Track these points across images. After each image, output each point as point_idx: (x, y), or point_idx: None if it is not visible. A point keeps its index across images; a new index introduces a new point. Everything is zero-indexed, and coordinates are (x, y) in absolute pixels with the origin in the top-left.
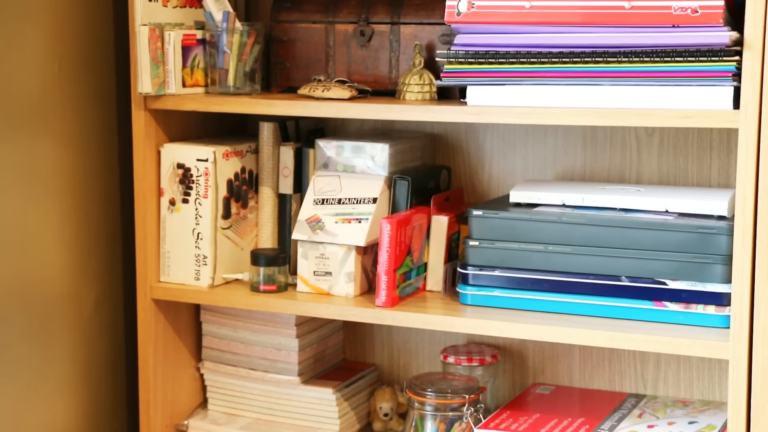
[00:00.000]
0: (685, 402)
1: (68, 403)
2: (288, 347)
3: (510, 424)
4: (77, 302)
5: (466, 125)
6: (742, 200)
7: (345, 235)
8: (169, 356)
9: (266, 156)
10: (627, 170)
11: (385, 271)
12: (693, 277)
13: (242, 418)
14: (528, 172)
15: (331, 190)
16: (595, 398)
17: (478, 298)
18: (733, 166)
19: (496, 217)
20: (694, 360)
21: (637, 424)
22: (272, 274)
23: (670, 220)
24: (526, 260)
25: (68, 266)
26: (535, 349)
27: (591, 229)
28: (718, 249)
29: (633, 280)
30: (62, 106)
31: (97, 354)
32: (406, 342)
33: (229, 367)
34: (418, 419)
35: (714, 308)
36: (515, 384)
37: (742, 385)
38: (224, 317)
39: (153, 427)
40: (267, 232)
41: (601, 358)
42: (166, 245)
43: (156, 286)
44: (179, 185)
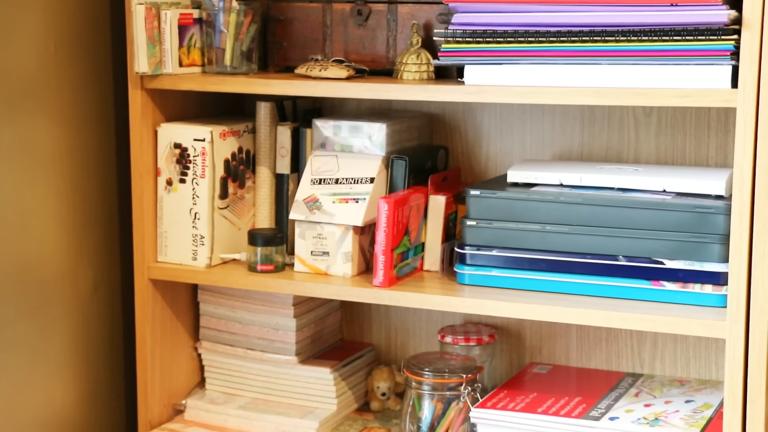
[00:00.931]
0: (681, 381)
1: (66, 383)
2: (285, 327)
3: (507, 403)
4: (74, 282)
5: (464, 105)
6: (740, 179)
7: (342, 214)
8: (167, 336)
9: (263, 136)
10: (625, 150)
11: (382, 251)
12: (690, 257)
13: (240, 397)
14: (525, 151)
15: (328, 170)
16: (592, 377)
17: (475, 278)
18: (731, 145)
19: (493, 197)
20: (691, 339)
21: (633, 403)
22: (269, 254)
23: (667, 200)
24: (524, 240)
25: (65, 246)
26: (532, 329)
27: (588, 208)
28: (715, 228)
29: (630, 260)
30: (58, 87)
31: (95, 334)
32: (403, 322)
33: (226, 347)
34: (415, 399)
35: (711, 287)
36: (512, 363)
37: (739, 364)
38: (222, 297)
39: (151, 406)
40: (264, 212)
41: (598, 337)
42: (164, 225)
43: (153, 266)
44: (176, 165)
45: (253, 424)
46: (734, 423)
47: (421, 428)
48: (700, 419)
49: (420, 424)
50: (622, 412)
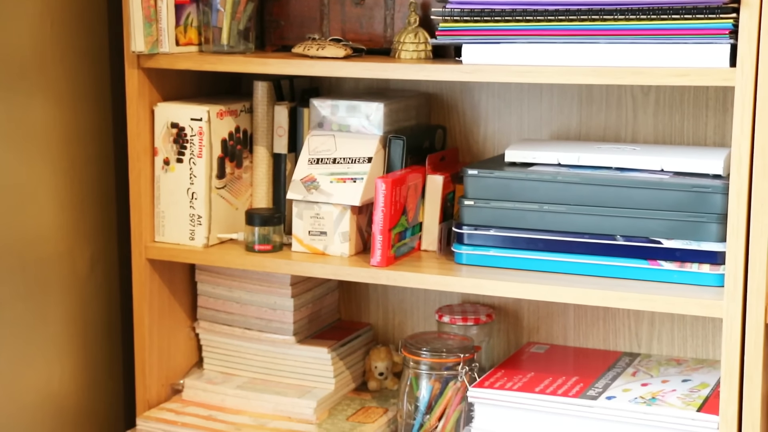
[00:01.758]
0: (678, 360)
1: (64, 363)
2: (283, 307)
3: (505, 382)
4: (72, 262)
5: (462, 84)
6: (738, 159)
7: (340, 194)
8: (165, 316)
9: (260, 115)
10: (623, 129)
11: (380, 231)
12: (688, 236)
13: (237, 377)
14: (523, 131)
15: (325, 150)
16: (590, 357)
17: (472, 258)
18: (729, 124)
19: (491, 177)
20: (688, 319)
21: (630, 382)
22: (267, 233)
23: (665, 179)
24: (521, 219)
25: (62, 226)
26: (529, 309)
27: (586, 188)
28: (713, 208)
29: (628, 239)
30: (54, 66)
31: (93, 314)
32: (401, 301)
33: (224, 327)
34: (413, 378)
35: (708, 267)
36: (510, 343)
37: (736, 344)
38: (219, 277)
39: (149, 386)
40: (262, 191)
41: (596, 317)
42: (161, 205)
43: (151, 245)
44: (173, 145)
45: (250, 403)
46: (731, 402)
47: (419, 408)
48: (697, 398)
49: (417, 403)
50: (619, 392)
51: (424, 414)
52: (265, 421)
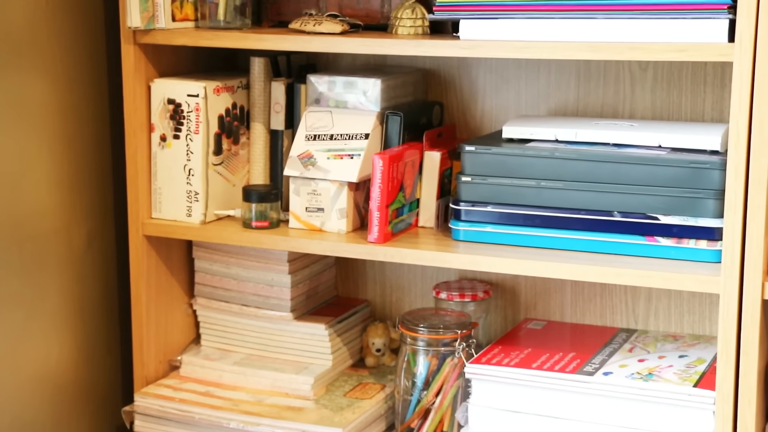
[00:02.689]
0: (675, 336)
1: (62, 339)
2: (280, 283)
3: (502, 358)
4: (68, 239)
5: (459, 60)
6: (736, 134)
7: (337, 171)
8: (162, 292)
9: (257, 92)
10: (620, 105)
11: (377, 207)
12: (685, 212)
13: (235, 353)
14: (521, 107)
15: (322, 126)
16: (587, 333)
17: (470, 234)
18: (727, 100)
19: (488, 153)
20: (685, 295)
21: (627, 358)
22: (264, 210)
23: (662, 155)
24: (519, 196)
25: (59, 203)
26: (527, 285)
27: (583, 164)
28: (710, 184)
29: (625, 216)
30: (49, 42)
31: (90, 290)
32: (398, 278)
33: (221, 303)
34: (410, 354)
35: (706, 243)
36: (507, 319)
37: (732, 320)
38: (216, 253)
39: (147, 362)
40: (259, 168)
41: (593, 293)
42: (158, 181)
43: (148, 222)
44: (170, 121)
45: (248, 379)
46: (727, 377)
47: (416, 384)
48: (694, 374)
49: (415, 379)
50: (616, 367)
51: (422, 390)
52: (263, 397)
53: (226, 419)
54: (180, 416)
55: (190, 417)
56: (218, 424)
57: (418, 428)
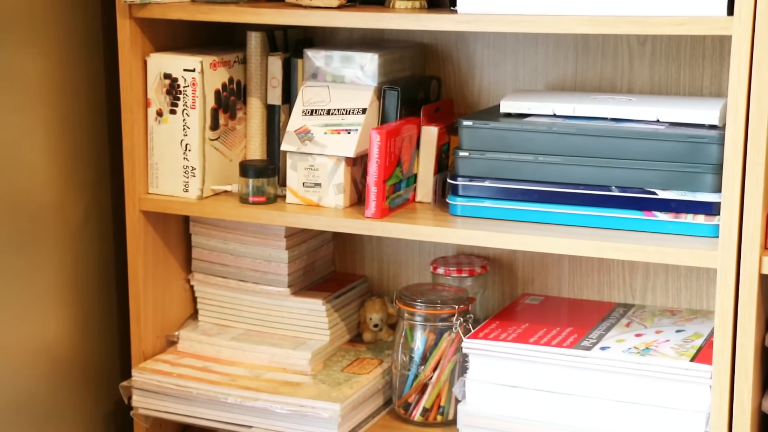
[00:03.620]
0: (672, 311)
1: (59, 315)
2: (278, 259)
3: (499, 333)
4: (65, 214)
5: (457, 35)
6: (734, 108)
7: (334, 146)
8: (159, 268)
9: (254, 66)
10: (618, 80)
11: (374, 182)
12: (683, 187)
13: (232, 329)
14: (519, 82)
15: (319, 101)
16: (584, 308)
17: (467, 209)
18: (726, 74)
19: (486, 128)
20: (683, 269)
21: (624, 333)
22: (261, 185)
23: (661, 130)
24: (516, 171)
25: (55, 178)
26: (524, 260)
27: (581, 139)
28: (708, 158)
29: (623, 190)
30: (45, 17)
31: (87, 266)
32: (395, 253)
33: (219, 279)
34: (407, 330)
35: (703, 218)
36: (504, 294)
37: (730, 294)
38: (213, 229)
39: (144, 338)
40: (256, 143)
41: (590, 268)
42: (154, 157)
43: (144, 197)
44: (166, 96)
45: (246, 355)
46: (724, 351)
47: (413, 359)
48: (690, 348)
49: (412, 354)
50: (613, 342)
51: (419, 365)
52: (261, 372)
53: (223, 394)
54: (178, 391)
55: (188, 392)
56: (216, 399)
57: (415, 403)
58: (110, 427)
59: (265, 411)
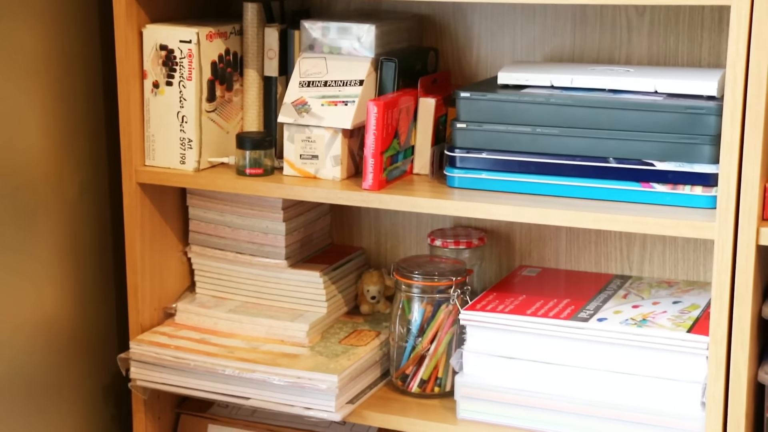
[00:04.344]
0: (669, 282)
1: (56, 287)
2: (275, 231)
3: (496, 305)
4: (61, 186)
5: (454, 5)
6: (732, 79)
7: (331, 117)
8: (156, 240)
9: (251, 38)
10: (617, 51)
11: (371, 154)
12: (681, 158)
13: (230, 301)
14: (516, 53)
15: (316, 73)
16: (581, 280)
17: (465, 181)
18: (724, 45)
19: (483, 99)
20: (680, 241)
21: (622, 304)
22: (258, 157)
23: (659, 101)
24: (514, 142)
25: (51, 150)
26: (521, 232)
27: (579, 110)
28: (706, 129)
29: (620, 162)
30: None
31: (84, 238)
32: (393, 225)
33: (216, 251)
34: (405, 301)
35: (701, 189)
36: (502, 266)
37: (727, 265)
38: (210, 201)
39: (141, 310)
40: (252, 115)
41: (588, 240)
42: (151, 129)
43: (141, 170)
44: (162, 67)
45: (243, 327)
46: (721, 322)
47: (411, 331)
48: (687, 319)
49: (410, 326)
50: (610, 314)
51: (416, 337)
52: (258, 344)
53: (221, 366)
54: (175, 363)
55: (185, 364)
56: (213, 370)
57: (412, 375)
58: (108, 399)
59: (262, 383)
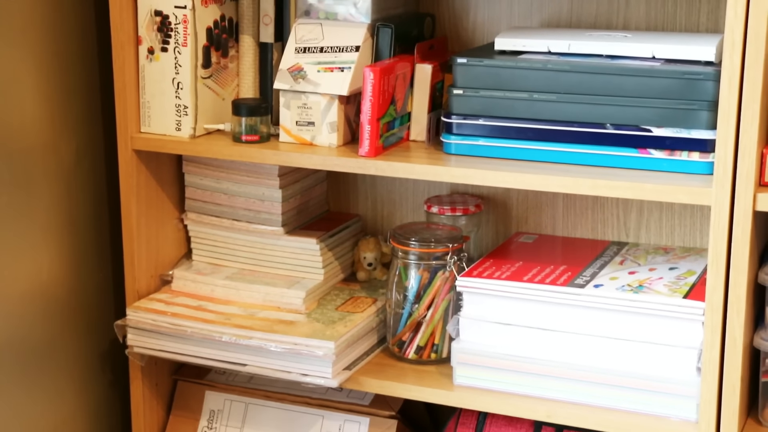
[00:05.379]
0: (666, 249)
1: (53, 254)
2: (271, 198)
3: (493, 272)
4: (57, 153)
5: None
6: (731, 45)
7: (327, 84)
8: (152, 207)
9: (246, 3)
10: (614, 16)
11: (368, 121)
12: (678, 124)
13: (226, 268)
14: (513, 19)
15: (312, 39)
16: (578, 246)
17: (461, 147)
18: (723, 10)
19: (480, 65)
20: (677, 207)
21: (618, 270)
22: (254, 124)
23: (656, 67)
24: (511, 108)
25: (47, 117)
26: (518, 199)
27: (576, 76)
28: (704, 95)
29: (618, 128)
30: None
31: (80, 205)
32: (389, 192)
33: (212, 218)
34: (401, 268)
35: (698, 155)
36: (498, 233)
37: (723, 231)
38: (207, 168)
39: (138, 277)
40: (248, 81)
41: (584, 206)
42: (146, 95)
43: (137, 137)
44: (157, 33)
45: (240, 294)
46: (717, 288)
47: (407, 297)
48: (684, 285)
49: (406, 293)
50: (607, 280)
51: (413, 303)
52: (255, 311)
53: (218, 332)
54: (172, 330)
55: (182, 331)
56: (210, 337)
57: (409, 341)
58: (106, 366)
59: (259, 349)
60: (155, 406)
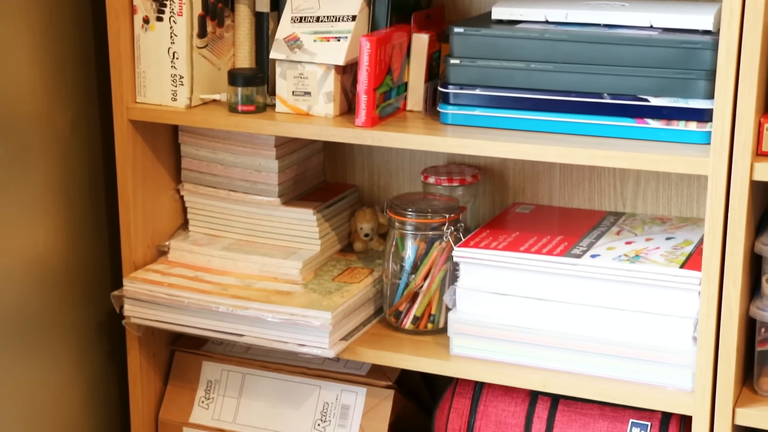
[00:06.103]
0: (663, 219)
1: (49, 225)
2: (268, 168)
3: (490, 242)
4: (52, 123)
5: None
6: (729, 14)
7: (324, 53)
8: (149, 178)
9: None
10: None
11: (364, 91)
12: (675, 94)
13: (223, 239)
14: None
15: (308, 8)
16: (575, 216)
17: (458, 118)
18: None
19: (477, 35)
20: (673, 177)
21: (615, 240)
22: (250, 94)
23: (654, 36)
24: (508, 78)
25: (41, 86)
26: (515, 169)
27: (574, 45)
28: (702, 64)
29: (615, 98)
30: None
31: (76, 176)
32: (386, 163)
33: (209, 189)
34: (398, 239)
35: (695, 125)
36: (495, 204)
37: (720, 201)
38: (203, 138)
39: (135, 248)
40: (244, 51)
41: (581, 177)
42: (142, 65)
43: (132, 107)
44: (152, 2)
45: (236, 264)
46: (713, 258)
47: (404, 268)
48: (680, 255)
49: (403, 263)
50: (604, 250)
51: (410, 274)
52: (252, 282)
53: (215, 303)
54: (169, 300)
55: (179, 301)
56: (207, 308)
57: (406, 311)
58: (103, 336)
59: (256, 320)
60: (152, 376)
